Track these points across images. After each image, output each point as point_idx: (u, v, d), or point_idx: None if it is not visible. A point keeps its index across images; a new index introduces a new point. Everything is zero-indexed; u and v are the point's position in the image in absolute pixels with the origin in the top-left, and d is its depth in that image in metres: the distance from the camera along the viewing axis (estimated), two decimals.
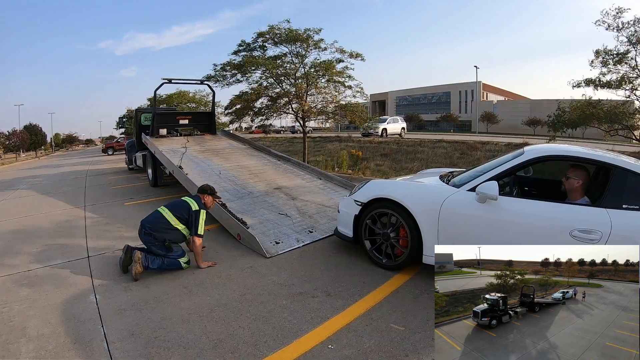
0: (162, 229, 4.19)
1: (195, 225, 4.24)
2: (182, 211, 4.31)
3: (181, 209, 4.34)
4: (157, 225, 4.20)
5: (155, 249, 4.13)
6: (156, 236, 4.15)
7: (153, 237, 4.15)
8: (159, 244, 4.14)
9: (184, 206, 4.35)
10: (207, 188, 4.69)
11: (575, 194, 3.27)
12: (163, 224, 4.22)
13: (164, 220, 4.24)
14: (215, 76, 13.41)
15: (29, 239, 5.66)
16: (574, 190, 3.27)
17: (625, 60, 10.16)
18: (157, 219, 4.25)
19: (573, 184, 3.26)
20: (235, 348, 2.69)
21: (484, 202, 3.31)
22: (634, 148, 14.64)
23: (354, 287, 3.65)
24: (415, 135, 28.75)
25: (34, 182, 14.12)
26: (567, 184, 3.31)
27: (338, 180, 7.89)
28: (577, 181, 3.24)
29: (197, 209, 4.33)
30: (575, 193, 3.27)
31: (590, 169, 3.40)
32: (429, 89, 70.78)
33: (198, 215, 4.29)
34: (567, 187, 3.32)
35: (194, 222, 4.25)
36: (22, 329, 3.01)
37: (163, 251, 4.14)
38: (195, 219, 4.26)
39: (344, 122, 15.32)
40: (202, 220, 4.31)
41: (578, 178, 3.24)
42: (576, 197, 3.26)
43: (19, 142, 45.57)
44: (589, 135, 23.33)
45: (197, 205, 4.36)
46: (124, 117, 51.50)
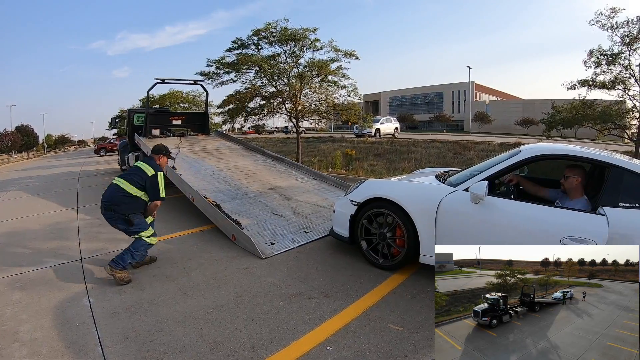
0: (122, 201, 4.03)
1: (156, 192, 4.11)
2: (137, 177, 4.10)
3: (136, 175, 4.12)
4: (116, 198, 4.03)
5: (118, 224, 4.04)
6: (116, 209, 4.00)
7: (113, 211, 4.00)
8: (119, 218, 4.02)
9: (138, 172, 4.14)
10: (162, 148, 4.46)
11: (575, 193, 3.30)
12: (121, 195, 4.03)
13: (122, 190, 4.04)
14: (209, 73, 13.35)
15: (21, 241, 5.58)
16: (574, 189, 3.30)
17: (618, 61, 10.26)
18: (114, 191, 4.07)
19: (572, 182, 3.29)
20: (232, 351, 2.66)
21: (476, 202, 3.30)
22: (627, 147, 14.78)
23: (350, 287, 3.64)
24: (409, 136, 28.84)
25: (26, 184, 13.97)
26: (567, 184, 3.34)
27: (332, 180, 7.88)
28: (576, 179, 3.27)
29: (154, 172, 4.13)
30: (575, 192, 3.30)
31: (585, 168, 3.40)
32: (422, 89, 71.04)
33: (156, 180, 4.12)
34: (567, 186, 3.34)
35: (153, 189, 4.10)
36: (15, 333, 2.95)
37: (124, 225, 4.04)
38: (154, 185, 4.10)
39: (337, 122, 15.33)
40: (161, 183, 4.15)
41: (577, 176, 3.28)
42: (576, 196, 3.29)
43: (11, 143, 45.10)
44: (581, 134, 23.52)
45: (153, 169, 4.16)
46: (117, 117, 51.17)
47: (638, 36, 9.88)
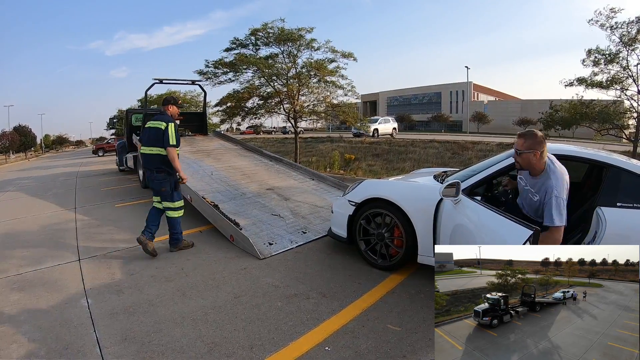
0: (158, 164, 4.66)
1: (166, 138, 4.57)
2: (160, 137, 4.62)
3: (158, 136, 4.62)
4: (153, 164, 4.67)
5: (163, 192, 4.69)
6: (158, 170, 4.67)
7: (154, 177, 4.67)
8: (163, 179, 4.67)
9: (158, 132, 4.63)
10: (171, 99, 5.00)
11: (535, 169, 2.89)
12: (157, 161, 4.64)
13: (155, 156, 4.65)
14: (207, 73, 13.33)
15: (19, 242, 5.57)
16: (532, 165, 2.87)
17: (617, 60, 10.30)
18: (151, 158, 4.68)
19: (529, 158, 2.85)
20: (230, 352, 2.66)
21: (455, 203, 3.13)
22: (625, 147, 14.82)
23: (349, 288, 3.64)
24: (407, 136, 28.87)
25: (24, 184, 13.94)
26: (521, 161, 2.91)
27: (330, 180, 7.89)
28: (533, 153, 2.82)
29: (166, 125, 4.61)
30: (535, 168, 2.88)
31: (583, 168, 3.41)
32: (420, 89, 70.99)
33: (167, 129, 4.59)
34: (523, 164, 2.91)
35: (165, 137, 4.58)
36: (13, 334, 2.95)
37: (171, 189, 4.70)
38: (165, 133, 4.59)
39: (335, 122, 15.34)
40: (172, 132, 4.61)
41: (533, 149, 2.82)
42: (537, 173, 2.89)
43: (9, 144, 44.95)
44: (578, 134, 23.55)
45: (165, 122, 4.63)
46: (115, 118, 51.25)
47: (637, 37, 9.92)
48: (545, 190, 2.75)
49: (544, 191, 2.77)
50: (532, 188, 2.94)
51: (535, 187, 2.90)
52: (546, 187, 2.76)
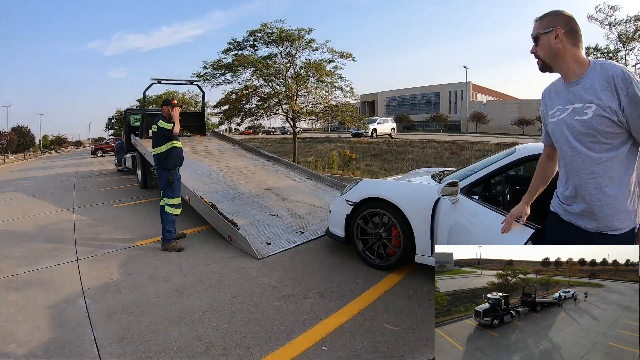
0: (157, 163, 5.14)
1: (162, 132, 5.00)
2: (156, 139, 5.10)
3: (155, 138, 5.12)
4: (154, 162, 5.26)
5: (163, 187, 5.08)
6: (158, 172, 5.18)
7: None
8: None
9: (154, 134, 5.13)
10: (165, 100, 5.30)
11: (566, 61, 1.71)
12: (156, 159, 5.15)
13: (155, 156, 5.14)
14: (205, 74, 13.34)
15: (16, 242, 5.56)
16: (559, 54, 1.71)
17: (615, 59, 10.34)
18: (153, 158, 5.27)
19: (549, 43, 1.72)
20: (227, 351, 2.66)
21: (453, 202, 3.22)
22: None
23: (346, 287, 3.64)
24: (405, 136, 28.91)
25: (22, 185, 13.92)
26: (542, 52, 1.77)
27: (329, 180, 7.90)
28: (554, 31, 1.70)
29: (156, 126, 5.04)
30: (565, 59, 1.70)
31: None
32: (419, 89, 71.09)
33: (157, 129, 5.02)
34: (545, 57, 1.76)
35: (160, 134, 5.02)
36: (11, 335, 2.95)
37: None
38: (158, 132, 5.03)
39: (334, 122, 15.34)
40: (163, 125, 4.99)
41: (553, 26, 1.70)
42: (576, 69, 1.70)
43: (7, 144, 44.85)
44: None
45: (155, 124, 5.05)
46: (113, 118, 51.10)
47: (634, 35, 9.95)
48: (608, 79, 1.56)
49: (609, 82, 1.56)
50: (577, 99, 1.67)
51: (585, 91, 1.64)
52: (607, 76, 1.57)
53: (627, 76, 1.52)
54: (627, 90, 1.52)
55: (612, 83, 1.55)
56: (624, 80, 1.52)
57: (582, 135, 1.66)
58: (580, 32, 1.74)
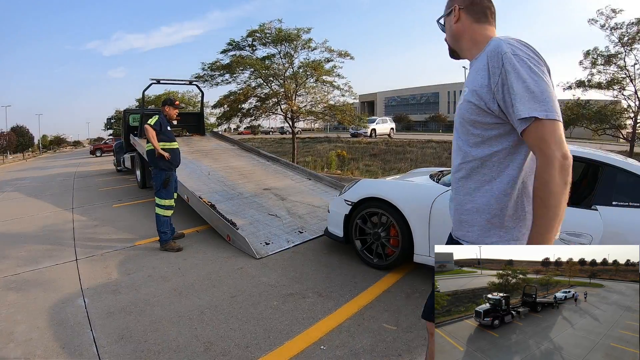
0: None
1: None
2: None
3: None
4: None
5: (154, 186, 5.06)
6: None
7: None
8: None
9: None
10: (166, 100, 5.25)
11: (464, 41, 1.55)
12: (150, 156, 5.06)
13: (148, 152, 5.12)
14: (203, 76, 13.35)
15: (16, 242, 5.57)
16: (457, 35, 1.60)
17: (614, 61, 10.37)
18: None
19: (450, 25, 1.62)
20: (226, 350, 2.67)
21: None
22: (622, 147, 14.88)
23: (345, 287, 3.66)
24: (404, 136, 28.90)
25: (21, 185, 13.91)
26: (448, 37, 1.66)
27: (327, 180, 7.91)
28: (452, 11, 1.61)
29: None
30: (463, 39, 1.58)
31: (579, 167, 3.42)
32: (418, 89, 71.07)
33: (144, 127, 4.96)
34: (450, 41, 1.64)
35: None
36: (10, 334, 2.96)
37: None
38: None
39: (333, 122, 15.34)
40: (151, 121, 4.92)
41: (450, 6, 1.63)
42: (472, 47, 1.62)
43: (6, 144, 44.81)
44: (576, 134, 23.67)
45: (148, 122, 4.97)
46: (112, 118, 50.99)
47: (635, 37, 9.98)
48: (485, 58, 1.33)
49: (484, 60, 1.33)
50: (466, 83, 1.48)
51: (471, 74, 1.44)
52: (486, 54, 1.33)
53: (501, 51, 1.24)
54: (500, 69, 1.25)
55: (486, 62, 1.30)
56: (498, 56, 1.25)
57: (459, 126, 1.46)
58: (485, 4, 1.48)
